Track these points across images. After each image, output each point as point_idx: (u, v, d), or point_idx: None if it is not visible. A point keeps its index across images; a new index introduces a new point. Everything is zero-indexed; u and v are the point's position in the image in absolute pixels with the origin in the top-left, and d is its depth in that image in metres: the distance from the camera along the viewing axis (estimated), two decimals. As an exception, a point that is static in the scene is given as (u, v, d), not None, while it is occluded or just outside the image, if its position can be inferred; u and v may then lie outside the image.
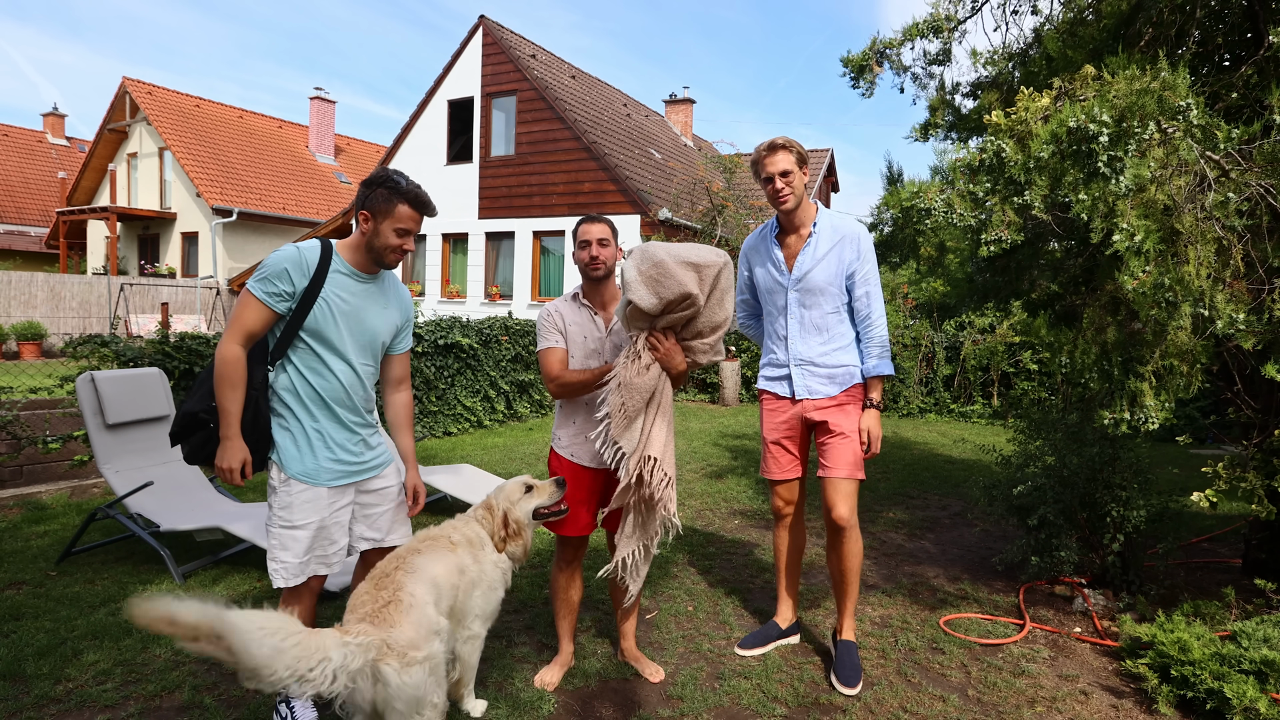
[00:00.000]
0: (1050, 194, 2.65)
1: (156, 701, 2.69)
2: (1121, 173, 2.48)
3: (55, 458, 5.54)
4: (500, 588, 2.60)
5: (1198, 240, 2.60)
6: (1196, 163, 2.65)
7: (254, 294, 2.28)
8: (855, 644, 3.08)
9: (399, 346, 2.63)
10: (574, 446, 2.81)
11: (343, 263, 2.40)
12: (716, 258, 2.57)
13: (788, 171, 2.87)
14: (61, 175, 25.00)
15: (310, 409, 2.40)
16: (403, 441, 2.69)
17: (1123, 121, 2.50)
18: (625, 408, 2.53)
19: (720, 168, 13.34)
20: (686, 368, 2.64)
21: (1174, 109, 2.62)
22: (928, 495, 6.13)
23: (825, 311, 2.97)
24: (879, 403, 3.00)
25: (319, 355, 2.38)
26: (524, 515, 2.66)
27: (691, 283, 2.49)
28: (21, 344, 14.14)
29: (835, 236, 2.94)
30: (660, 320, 2.56)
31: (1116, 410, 2.91)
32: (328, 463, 2.42)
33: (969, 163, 2.85)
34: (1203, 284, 2.57)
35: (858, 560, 3.03)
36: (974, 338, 11.09)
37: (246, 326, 2.28)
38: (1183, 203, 2.63)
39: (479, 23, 15.37)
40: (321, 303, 2.34)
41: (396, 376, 2.67)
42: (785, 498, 3.17)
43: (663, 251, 2.52)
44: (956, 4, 4.12)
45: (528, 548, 2.69)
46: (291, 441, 2.39)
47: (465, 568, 2.46)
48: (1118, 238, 2.54)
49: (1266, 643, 2.81)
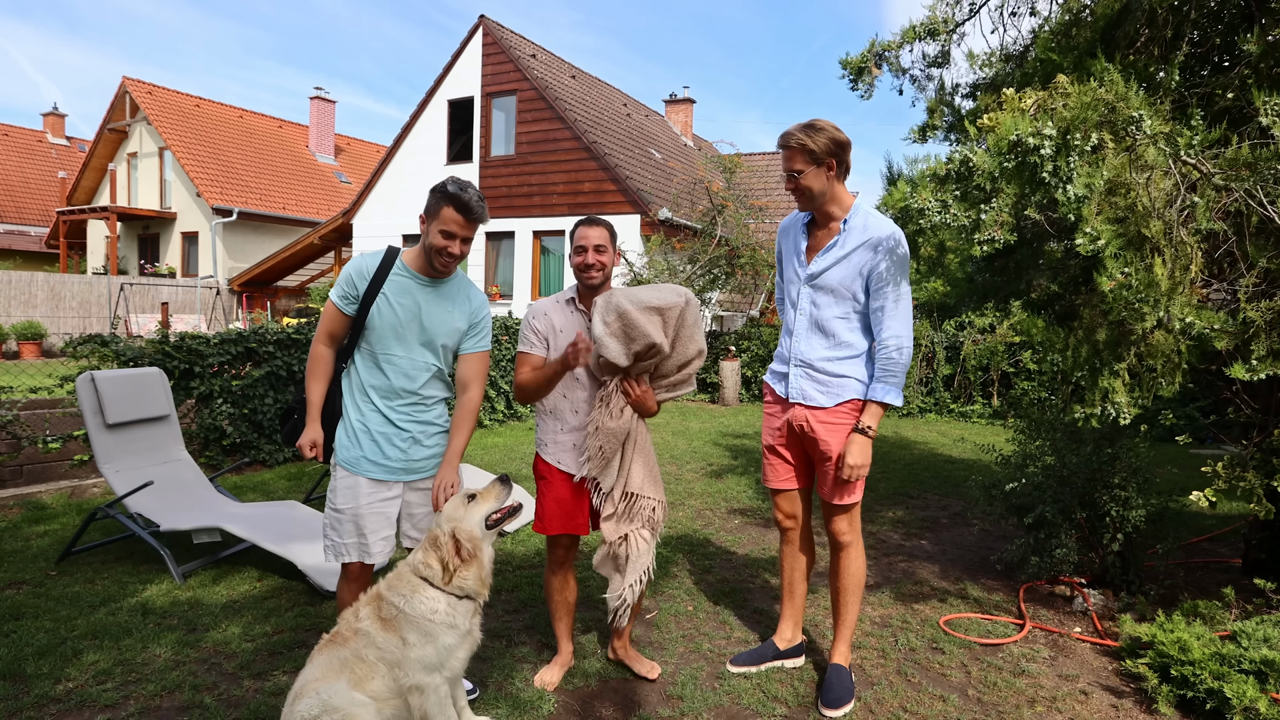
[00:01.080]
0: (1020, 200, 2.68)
1: (156, 701, 2.70)
2: (1070, 181, 2.51)
3: (55, 458, 5.55)
4: (445, 632, 2.26)
5: (1163, 244, 2.63)
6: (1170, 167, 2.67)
7: (331, 298, 2.58)
8: (847, 669, 2.88)
9: (468, 348, 2.69)
10: (560, 454, 2.81)
11: (404, 267, 2.58)
12: (678, 298, 2.68)
13: (797, 172, 2.69)
14: (61, 175, 25.01)
15: (358, 403, 2.60)
16: (452, 440, 2.67)
17: (1067, 134, 2.53)
18: (603, 450, 2.70)
19: (720, 168, 13.34)
20: (658, 409, 2.80)
21: (1127, 119, 2.64)
22: (927, 495, 6.13)
23: (835, 314, 2.76)
24: (870, 429, 2.69)
25: (374, 353, 2.57)
26: (475, 527, 2.35)
27: (656, 331, 2.63)
28: (21, 344, 14.15)
29: (864, 236, 2.69)
30: (632, 369, 2.70)
31: (1089, 405, 2.91)
32: (371, 454, 2.56)
33: (935, 171, 2.85)
34: (1168, 287, 2.59)
35: (856, 580, 2.88)
36: (974, 338, 11.09)
37: (326, 327, 2.60)
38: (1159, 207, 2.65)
39: (479, 23, 15.38)
40: (378, 303, 2.54)
41: (463, 376, 2.70)
42: (786, 510, 2.99)
43: (625, 301, 2.61)
44: (954, 7, 4.12)
45: (485, 575, 2.36)
46: (344, 431, 2.60)
47: (360, 649, 2.24)
48: (1080, 240, 2.58)
49: (1266, 643, 2.81)
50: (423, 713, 2.23)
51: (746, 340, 12.52)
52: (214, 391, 5.96)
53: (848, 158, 2.73)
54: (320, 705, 2.11)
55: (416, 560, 2.34)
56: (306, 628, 3.30)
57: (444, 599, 2.28)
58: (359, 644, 2.24)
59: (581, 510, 2.82)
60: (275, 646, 3.12)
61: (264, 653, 3.06)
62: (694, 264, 12.69)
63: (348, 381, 2.63)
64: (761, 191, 18.17)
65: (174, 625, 3.30)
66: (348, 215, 17.09)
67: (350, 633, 2.27)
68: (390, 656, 2.23)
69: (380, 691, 2.22)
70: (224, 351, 6.06)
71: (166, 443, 4.60)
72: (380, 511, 2.58)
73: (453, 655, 2.30)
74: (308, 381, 2.63)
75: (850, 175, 2.77)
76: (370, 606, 2.30)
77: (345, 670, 2.21)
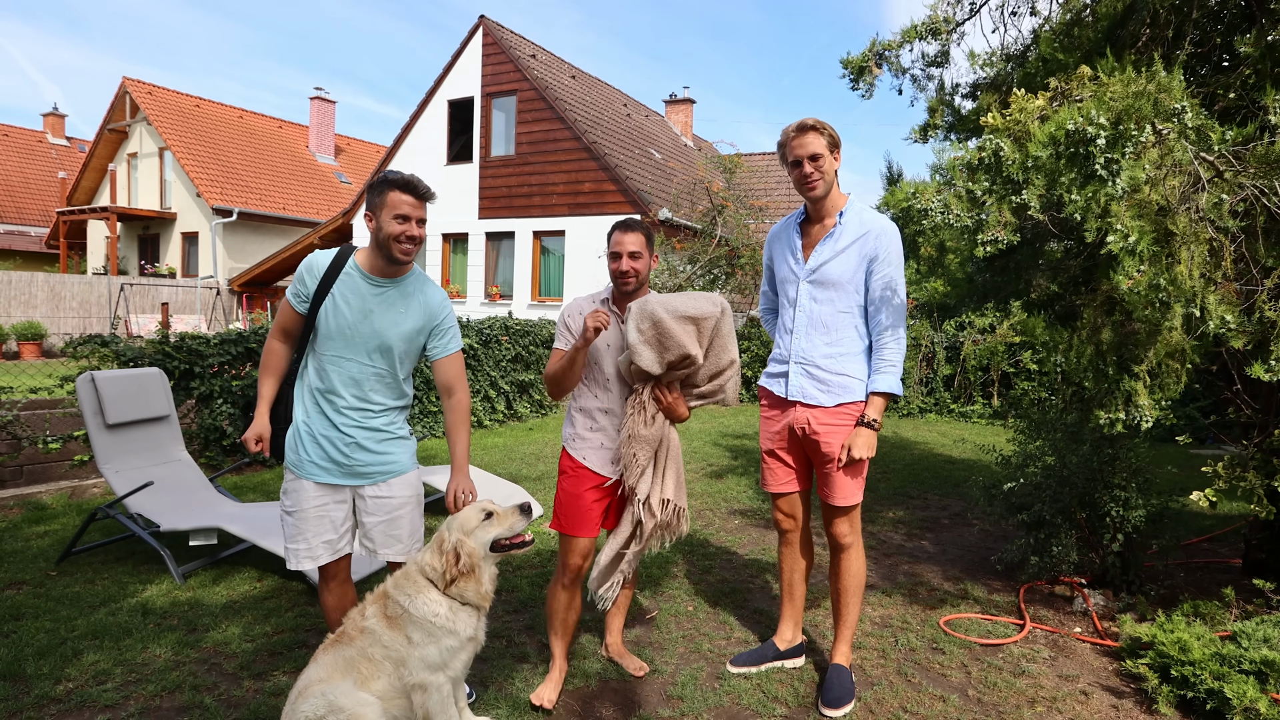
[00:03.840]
0: (1046, 194, 2.65)
1: (156, 701, 2.70)
2: (1118, 175, 2.47)
3: (55, 458, 5.54)
4: (444, 636, 2.25)
5: (1191, 241, 2.60)
6: (1190, 164, 2.66)
7: (286, 293, 2.54)
8: (848, 669, 2.88)
9: (437, 351, 2.58)
10: (586, 450, 2.79)
11: (356, 266, 2.49)
12: (713, 307, 2.67)
13: (818, 155, 2.65)
14: (61, 175, 25.01)
15: (305, 404, 2.54)
16: (452, 447, 2.60)
17: (1119, 124, 2.50)
18: (637, 458, 2.70)
19: (720, 168, 13.34)
20: (689, 414, 2.80)
21: (1169, 111, 2.62)
22: (927, 495, 6.13)
23: (837, 309, 2.76)
24: (876, 422, 2.71)
25: (322, 354, 2.49)
26: (480, 546, 2.31)
27: (691, 341, 2.61)
28: (21, 344, 14.15)
29: (860, 230, 2.72)
30: (664, 377, 2.69)
31: (1112, 410, 2.90)
32: (315, 456, 2.50)
33: (968, 160, 2.84)
34: (1195, 284, 2.57)
35: (856, 581, 2.88)
36: (974, 338, 11.09)
37: (280, 322, 2.56)
38: (1176, 204, 2.64)
39: (479, 23, 15.37)
40: (327, 304, 2.46)
41: (442, 382, 2.61)
42: (785, 512, 2.98)
43: (661, 309, 2.58)
44: (955, 6, 4.12)
45: (485, 590, 2.33)
46: (291, 432, 2.55)
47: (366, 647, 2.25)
48: (1112, 239, 2.53)
49: (1266, 643, 2.81)
50: (425, 711, 2.24)
51: (746, 340, 12.52)
52: (214, 392, 5.96)
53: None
54: (326, 705, 2.11)
55: (424, 560, 2.34)
56: (306, 628, 3.30)
57: (445, 603, 2.28)
58: (365, 642, 2.25)
59: (596, 511, 2.79)
60: (275, 646, 3.11)
61: (264, 653, 3.06)
62: (694, 264, 12.69)
63: (300, 383, 2.55)
64: (761, 191, 18.17)
65: (174, 625, 3.30)
66: (348, 215, 17.09)
67: (356, 631, 2.28)
68: (396, 654, 2.24)
69: (385, 690, 2.22)
70: (224, 352, 6.06)
71: (166, 443, 4.60)
72: (324, 515, 2.50)
73: (455, 657, 2.30)
74: (260, 374, 2.59)
75: (850, 176, 2.79)
76: (376, 605, 2.31)
77: (350, 669, 2.21)
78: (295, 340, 2.56)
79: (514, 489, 5.05)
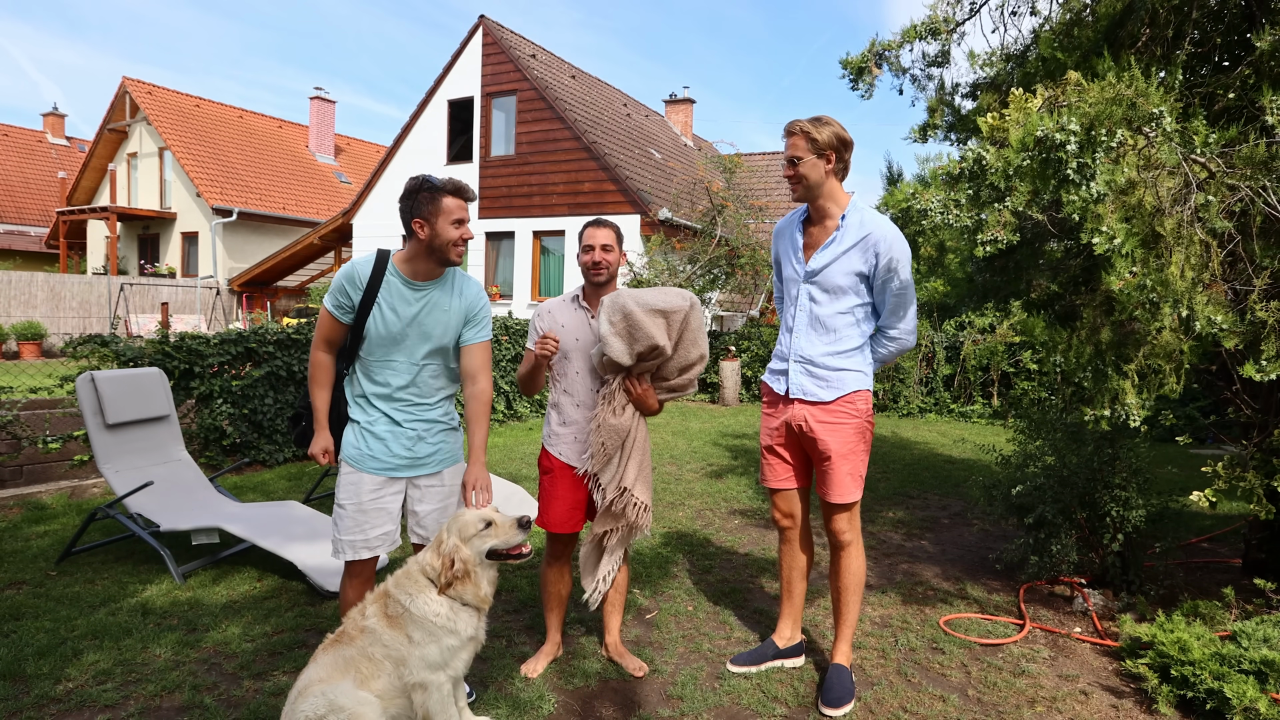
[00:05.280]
0: (1033, 199, 2.67)
1: (156, 701, 2.70)
2: (1092, 179, 2.51)
3: (55, 458, 5.55)
4: (445, 635, 2.26)
5: (1179, 243, 2.62)
6: (1179, 165, 2.67)
7: (325, 306, 2.57)
8: (848, 669, 2.88)
9: (469, 339, 2.65)
10: (562, 446, 2.93)
11: (397, 272, 2.54)
12: (682, 302, 2.76)
13: (797, 158, 2.70)
14: (61, 175, 25.00)
15: (363, 407, 2.60)
16: (471, 436, 2.63)
17: (1091, 130, 2.52)
18: (605, 446, 2.80)
19: (720, 168, 13.34)
20: (659, 407, 2.90)
21: (1146, 116, 2.63)
22: (927, 495, 6.13)
23: (837, 311, 2.78)
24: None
25: (374, 359, 2.57)
26: (475, 554, 2.31)
27: (660, 333, 2.71)
28: (21, 344, 14.14)
29: (861, 232, 2.71)
30: (634, 369, 2.79)
31: (1098, 407, 2.92)
32: (378, 452, 2.58)
33: (949, 170, 2.85)
34: (1184, 285, 2.58)
35: (856, 580, 2.89)
36: (974, 338, 11.09)
37: (323, 334, 2.60)
38: (1166, 205, 2.64)
39: (479, 23, 15.38)
40: (375, 313, 2.52)
41: (468, 369, 2.65)
42: (784, 509, 2.99)
43: (631, 302, 2.70)
44: (954, 6, 4.12)
45: (483, 594, 2.33)
46: (351, 431, 2.62)
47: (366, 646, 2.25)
48: (1097, 240, 2.57)
49: (1266, 643, 2.81)
50: (425, 710, 2.24)
51: (746, 340, 12.53)
52: (214, 392, 5.96)
53: (848, 157, 2.75)
54: (326, 705, 2.11)
55: (425, 560, 2.35)
56: (306, 628, 3.30)
57: (445, 603, 2.29)
58: (365, 641, 2.25)
59: (579, 505, 2.94)
60: (275, 646, 3.11)
61: (264, 653, 3.06)
62: (694, 264, 12.69)
63: (350, 387, 2.63)
64: (761, 191, 18.18)
65: (174, 625, 3.30)
66: (348, 215, 17.10)
67: (356, 630, 2.28)
68: (396, 654, 2.24)
69: (385, 690, 2.23)
70: (224, 352, 6.06)
71: (166, 443, 4.60)
72: (382, 507, 2.59)
73: (456, 656, 2.31)
74: (311, 388, 2.64)
75: (850, 176, 2.77)
76: (377, 604, 2.31)
77: (351, 669, 2.21)
78: (339, 350, 2.63)
79: (514, 489, 5.04)
